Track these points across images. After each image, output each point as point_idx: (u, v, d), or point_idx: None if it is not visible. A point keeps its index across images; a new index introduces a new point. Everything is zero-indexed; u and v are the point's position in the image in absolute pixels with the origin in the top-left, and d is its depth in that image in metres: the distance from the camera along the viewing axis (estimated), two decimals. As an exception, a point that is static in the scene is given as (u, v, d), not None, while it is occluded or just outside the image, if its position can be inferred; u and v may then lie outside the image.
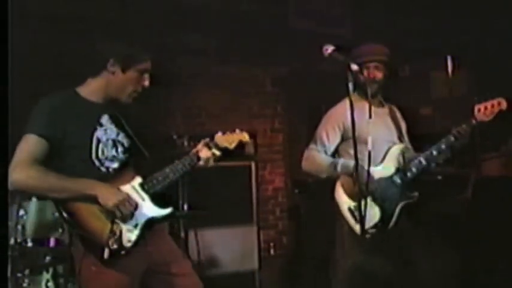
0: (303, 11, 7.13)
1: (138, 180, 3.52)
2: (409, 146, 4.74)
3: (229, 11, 6.83)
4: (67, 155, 3.37)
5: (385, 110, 4.68)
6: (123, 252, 3.33)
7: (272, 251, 7.88)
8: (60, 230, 4.65)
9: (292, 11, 7.19)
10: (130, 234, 3.38)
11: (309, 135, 4.79)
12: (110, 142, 3.53)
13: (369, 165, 3.93)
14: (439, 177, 6.00)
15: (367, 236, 4.29)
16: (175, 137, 5.44)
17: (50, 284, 4.66)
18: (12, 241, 4.54)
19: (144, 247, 3.45)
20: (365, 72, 4.47)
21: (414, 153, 4.63)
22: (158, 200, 3.56)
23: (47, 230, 4.66)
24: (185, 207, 6.05)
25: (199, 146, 3.81)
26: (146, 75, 3.56)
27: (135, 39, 3.60)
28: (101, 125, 3.52)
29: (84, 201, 3.31)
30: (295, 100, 7.98)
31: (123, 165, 3.57)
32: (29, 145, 3.30)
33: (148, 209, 3.50)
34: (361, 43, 4.62)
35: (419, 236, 4.53)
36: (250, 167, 6.96)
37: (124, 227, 3.37)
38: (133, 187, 3.49)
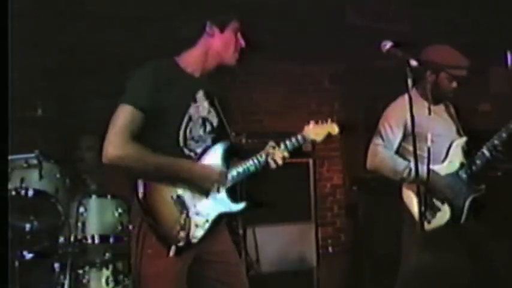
0: (360, 7, 7.07)
1: (220, 168, 3.50)
2: None
3: (286, 7, 6.82)
4: (158, 130, 3.34)
5: (441, 107, 4.62)
6: (188, 248, 3.32)
7: (330, 249, 7.85)
8: (119, 227, 4.69)
9: (349, 7, 7.14)
10: (198, 230, 3.37)
11: (367, 132, 4.74)
12: (200, 120, 3.49)
13: (429, 162, 3.89)
14: (499, 174, 5.91)
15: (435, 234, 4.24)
16: (233, 134, 5.44)
17: (110, 280, 4.70)
18: (72, 238, 4.59)
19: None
20: (433, 76, 4.40)
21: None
22: (233, 193, 3.55)
23: (106, 227, 4.71)
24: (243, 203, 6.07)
25: (271, 147, 3.69)
26: (239, 35, 3.53)
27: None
28: (195, 101, 3.47)
29: (163, 186, 3.32)
30: (353, 97, 7.94)
31: (208, 150, 3.53)
32: (126, 117, 3.24)
33: (223, 203, 3.49)
34: (420, 39, 4.56)
35: (485, 232, 4.46)
36: (308, 164, 6.94)
37: (193, 222, 3.34)
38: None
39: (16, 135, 3.19)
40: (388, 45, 3.67)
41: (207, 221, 3.41)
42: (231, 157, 3.61)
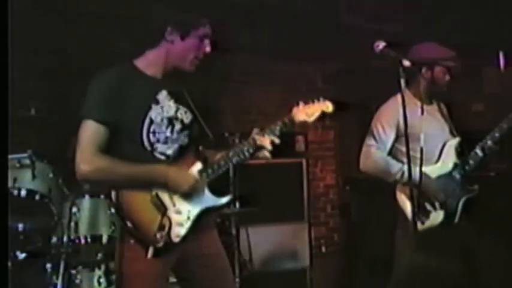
0: (354, 7, 7.07)
1: (198, 166, 3.43)
2: None
3: (280, 7, 6.82)
4: (123, 138, 3.30)
5: (434, 107, 4.62)
6: (170, 247, 3.28)
7: (323, 248, 7.86)
8: (112, 227, 4.69)
9: (343, 7, 7.14)
10: (180, 229, 3.31)
11: (360, 132, 4.75)
12: (165, 121, 3.40)
13: (421, 163, 3.89)
14: (492, 174, 5.93)
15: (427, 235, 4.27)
16: (226, 134, 5.44)
17: (102, 280, 4.70)
18: (65, 238, 4.59)
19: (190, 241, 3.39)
20: (429, 73, 4.39)
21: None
22: (214, 187, 3.47)
23: (99, 227, 4.71)
24: (236, 204, 6.07)
25: (256, 134, 3.56)
26: (207, 41, 3.42)
27: (192, 4, 3.48)
28: (157, 103, 3.39)
29: (139, 191, 3.29)
30: (346, 97, 7.94)
31: (182, 150, 3.47)
32: (90, 133, 3.22)
33: (204, 199, 3.43)
34: (413, 39, 4.56)
35: (476, 232, 4.47)
36: (301, 164, 6.96)
37: (174, 221, 3.30)
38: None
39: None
40: (381, 45, 3.67)
41: (188, 218, 3.35)
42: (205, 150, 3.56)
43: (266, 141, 3.50)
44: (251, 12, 6.74)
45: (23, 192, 4.46)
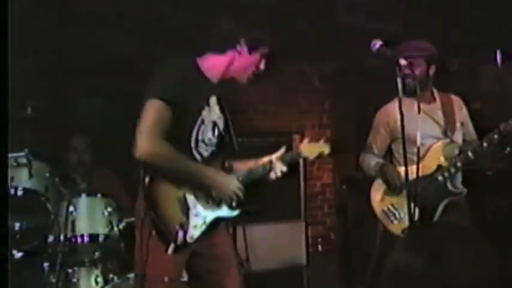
0: (351, 6, 7.07)
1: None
2: (473, 135, 4.67)
3: (277, 7, 6.81)
4: (175, 127, 3.36)
5: (435, 105, 4.58)
6: (184, 247, 3.40)
7: (320, 247, 7.86)
8: (109, 226, 4.69)
9: (340, 6, 7.14)
10: (195, 231, 3.44)
11: (357, 131, 4.78)
12: (211, 124, 3.56)
13: (418, 162, 3.87)
14: (489, 173, 5.92)
15: (402, 235, 4.31)
16: (223, 133, 5.44)
17: (99, 279, 4.70)
18: (62, 237, 4.58)
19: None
20: (417, 68, 4.38)
21: (467, 145, 4.55)
22: None
23: (96, 226, 4.70)
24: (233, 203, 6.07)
25: (277, 158, 3.83)
26: (264, 59, 3.65)
27: (261, 22, 3.68)
28: (208, 105, 3.54)
29: (172, 186, 3.40)
30: (343, 96, 7.95)
31: (214, 155, 3.61)
32: (156, 113, 3.28)
33: (221, 208, 3.60)
34: (410, 38, 4.57)
35: (459, 233, 4.46)
36: (298, 162, 6.95)
37: (191, 222, 3.42)
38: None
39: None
40: (377, 44, 3.68)
41: (204, 223, 3.49)
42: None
43: (280, 169, 3.81)
44: (247, 12, 6.74)
45: (20, 191, 4.46)
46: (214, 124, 3.59)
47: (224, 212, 3.60)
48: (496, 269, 2.00)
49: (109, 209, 4.73)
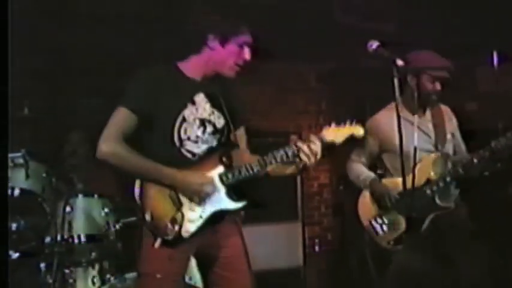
0: (348, 6, 7.07)
1: (219, 169, 3.53)
2: (462, 146, 4.68)
3: (274, 6, 6.82)
4: (154, 132, 3.47)
5: (426, 117, 4.57)
6: (179, 242, 3.41)
7: (317, 248, 7.86)
8: (106, 227, 4.69)
9: (337, 6, 7.14)
10: (191, 225, 3.43)
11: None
12: (197, 121, 3.54)
13: (414, 176, 3.85)
14: (486, 174, 5.93)
15: (389, 247, 4.34)
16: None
17: (96, 280, 4.70)
18: (59, 237, 4.58)
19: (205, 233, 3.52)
20: (414, 81, 4.37)
21: (456, 157, 4.55)
22: (233, 192, 3.56)
23: (93, 226, 4.70)
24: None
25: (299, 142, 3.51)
26: (246, 49, 3.57)
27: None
28: (193, 103, 3.54)
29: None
30: (340, 96, 7.96)
31: (210, 151, 3.58)
32: (120, 119, 3.41)
33: (219, 201, 3.51)
34: (407, 39, 4.57)
35: (458, 236, 4.47)
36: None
37: (187, 217, 3.42)
38: (211, 177, 3.52)
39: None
40: (374, 45, 3.66)
41: (200, 217, 3.46)
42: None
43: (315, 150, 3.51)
44: (244, 11, 6.74)
45: (17, 192, 4.47)
46: (204, 121, 3.57)
47: (225, 204, 3.53)
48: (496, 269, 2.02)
49: (106, 210, 4.73)
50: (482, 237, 4.54)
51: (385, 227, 4.40)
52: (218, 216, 3.54)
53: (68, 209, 4.64)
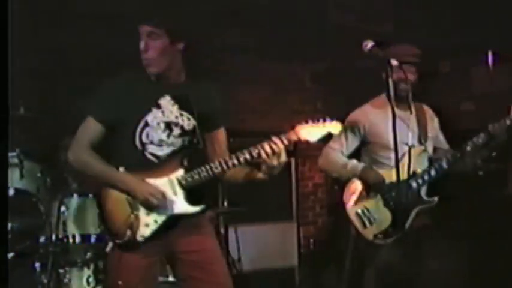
0: (342, 7, 7.09)
1: (179, 172, 3.49)
2: (445, 145, 4.70)
3: (269, 7, 6.82)
4: (120, 137, 3.52)
5: (408, 113, 4.53)
6: (134, 245, 3.41)
7: (312, 247, 7.86)
8: (101, 227, 4.68)
9: (331, 6, 7.16)
10: (145, 230, 3.42)
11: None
12: (162, 125, 3.51)
13: (398, 170, 3.86)
14: (481, 173, 5.94)
15: (377, 241, 4.32)
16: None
17: (91, 279, 4.69)
18: (53, 237, 4.58)
19: (168, 237, 3.51)
20: (396, 74, 4.31)
21: (441, 152, 4.57)
22: (193, 195, 3.51)
23: (88, 226, 4.70)
24: (225, 203, 6.08)
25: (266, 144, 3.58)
26: (142, 41, 3.53)
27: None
28: (159, 107, 3.52)
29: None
30: (335, 96, 7.96)
31: (173, 154, 3.54)
32: (87, 128, 3.53)
33: (177, 205, 3.47)
34: (402, 39, 4.57)
35: (435, 235, 4.49)
36: (290, 163, 6.96)
37: (142, 221, 3.42)
38: (170, 181, 3.48)
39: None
40: (369, 44, 3.67)
41: (155, 221, 3.44)
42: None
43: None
44: (240, 12, 6.75)
45: (11, 192, 4.46)
46: (169, 124, 3.53)
47: (183, 208, 3.48)
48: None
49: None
50: (465, 236, 4.56)
51: (372, 219, 4.38)
52: (175, 221, 3.50)
53: (62, 208, 4.64)
